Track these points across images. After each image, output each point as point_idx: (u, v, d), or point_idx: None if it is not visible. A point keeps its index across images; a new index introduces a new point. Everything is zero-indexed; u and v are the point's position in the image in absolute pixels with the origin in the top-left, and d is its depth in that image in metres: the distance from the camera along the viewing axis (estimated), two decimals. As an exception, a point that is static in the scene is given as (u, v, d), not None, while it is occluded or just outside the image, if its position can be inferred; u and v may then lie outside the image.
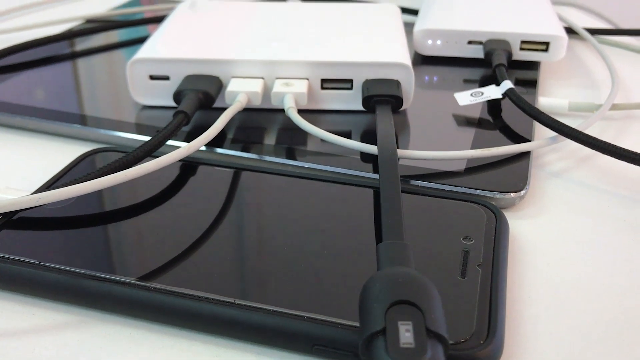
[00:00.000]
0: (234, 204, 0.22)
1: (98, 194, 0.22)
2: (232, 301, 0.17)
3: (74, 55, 0.35)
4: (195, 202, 0.22)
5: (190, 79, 0.27)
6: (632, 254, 0.21)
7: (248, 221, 0.21)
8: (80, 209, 0.21)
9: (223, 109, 0.26)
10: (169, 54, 0.28)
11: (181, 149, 0.22)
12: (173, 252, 0.19)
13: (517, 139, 0.27)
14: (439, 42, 0.34)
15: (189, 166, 0.24)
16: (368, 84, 0.27)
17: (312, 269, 0.19)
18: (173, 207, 0.22)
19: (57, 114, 0.28)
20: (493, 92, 0.29)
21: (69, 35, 0.36)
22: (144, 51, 0.28)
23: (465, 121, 0.28)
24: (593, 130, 0.28)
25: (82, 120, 0.28)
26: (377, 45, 0.29)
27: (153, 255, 0.19)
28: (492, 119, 0.28)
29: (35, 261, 0.19)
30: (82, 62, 0.34)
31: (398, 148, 0.23)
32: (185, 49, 0.28)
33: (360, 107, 0.28)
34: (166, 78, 0.28)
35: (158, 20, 0.39)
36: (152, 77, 0.28)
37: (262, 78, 0.28)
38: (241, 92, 0.27)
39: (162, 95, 0.28)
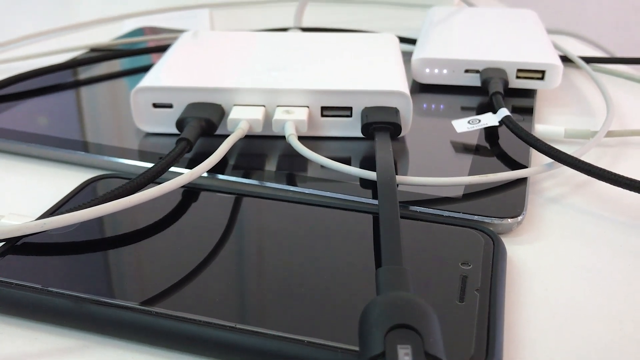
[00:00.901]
0: (235, 229, 0.22)
1: (101, 219, 0.23)
2: (234, 326, 0.17)
3: (79, 84, 0.36)
4: (197, 228, 0.22)
5: (193, 106, 0.28)
6: (629, 279, 0.21)
7: (249, 246, 0.21)
8: (83, 234, 0.22)
9: (225, 136, 0.26)
10: (172, 82, 0.28)
11: (184, 175, 0.23)
12: (175, 277, 0.20)
13: (514, 165, 0.27)
14: (436, 70, 0.35)
15: (191, 192, 0.24)
16: (367, 111, 0.28)
17: (312, 293, 0.19)
18: (175, 232, 0.22)
19: (61, 141, 0.29)
20: (490, 119, 0.29)
21: (74, 64, 0.37)
22: (148, 80, 0.29)
23: (463, 148, 0.28)
24: (589, 157, 0.29)
25: (86, 147, 0.28)
26: (376, 74, 0.29)
27: (155, 280, 0.19)
28: (490, 145, 0.29)
29: (38, 286, 0.19)
30: (86, 90, 0.35)
31: (397, 174, 0.24)
32: (188, 78, 0.29)
33: (359, 134, 0.28)
34: (169, 106, 0.29)
35: (161, 49, 0.40)
36: (155, 105, 0.29)
37: (264, 106, 0.28)
38: (243, 119, 0.27)
39: (165, 123, 0.29)
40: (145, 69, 0.38)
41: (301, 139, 0.27)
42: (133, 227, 0.22)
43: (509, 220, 0.23)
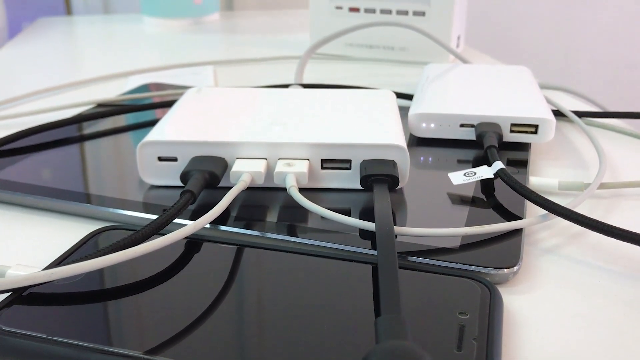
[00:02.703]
0: (236, 280, 0.23)
1: (107, 270, 0.23)
2: (235, 374, 0.18)
3: (85, 138, 0.37)
4: (200, 279, 0.23)
5: (197, 160, 0.29)
6: (624, 329, 0.21)
7: (250, 297, 0.22)
8: (89, 284, 0.22)
9: (228, 188, 0.27)
10: (177, 136, 0.29)
11: (187, 227, 0.23)
12: (178, 326, 0.20)
13: (510, 216, 0.28)
14: (432, 125, 0.36)
15: (194, 243, 0.25)
16: (366, 164, 0.29)
17: (313, 342, 0.19)
18: (178, 283, 0.22)
19: (67, 193, 0.29)
20: (485, 172, 0.30)
21: (81, 119, 0.38)
22: (153, 134, 0.30)
23: (460, 200, 0.29)
24: (583, 208, 0.29)
25: (92, 199, 0.29)
26: (374, 128, 0.30)
27: (159, 330, 0.20)
28: (485, 197, 0.30)
29: (43, 335, 0.19)
30: (92, 144, 0.36)
31: (395, 225, 0.24)
32: (192, 132, 0.30)
33: (358, 186, 0.29)
34: (174, 159, 0.29)
35: (165, 105, 0.41)
36: (160, 159, 0.29)
37: (265, 159, 0.29)
38: (245, 172, 0.28)
39: (170, 176, 0.30)
40: (150, 124, 0.39)
41: (302, 190, 0.27)
42: (137, 278, 0.23)
43: (505, 270, 0.23)
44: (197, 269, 0.23)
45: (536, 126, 0.35)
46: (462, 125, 0.36)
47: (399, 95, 0.43)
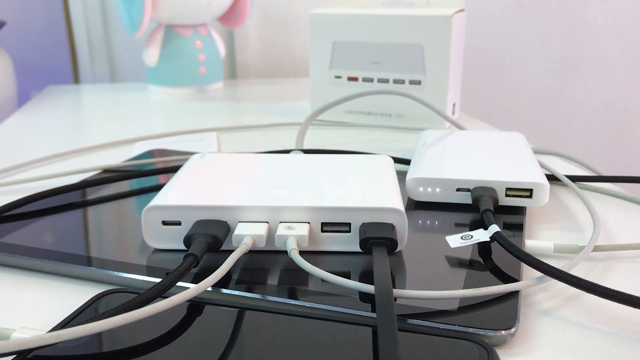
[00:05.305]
0: (238, 343, 0.23)
1: (110, 332, 0.23)
2: None
3: (90, 203, 0.38)
4: (202, 341, 0.23)
5: (200, 223, 0.29)
6: (623, 391, 0.21)
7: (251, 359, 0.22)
8: (92, 347, 0.22)
9: (230, 251, 0.28)
10: (181, 201, 0.30)
11: (190, 290, 0.24)
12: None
13: (507, 279, 0.28)
14: (429, 189, 0.37)
15: (196, 306, 0.25)
16: (365, 227, 0.29)
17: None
18: (181, 345, 0.23)
19: (73, 257, 0.30)
20: (481, 235, 0.30)
21: (86, 184, 0.39)
22: (158, 199, 0.31)
23: (457, 262, 0.30)
24: (578, 271, 0.30)
25: (97, 263, 0.29)
26: (373, 192, 0.31)
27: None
28: (483, 260, 0.30)
29: (47, 398, 0.19)
30: (97, 209, 0.37)
31: (394, 288, 0.25)
32: (195, 197, 0.31)
33: (358, 249, 0.30)
34: (178, 223, 0.30)
35: (169, 170, 0.42)
36: (164, 223, 0.30)
37: (267, 222, 0.30)
38: (247, 235, 0.29)
39: (173, 240, 0.30)
40: (154, 189, 0.40)
41: (302, 253, 0.28)
42: (140, 340, 0.23)
43: (503, 332, 0.24)
44: (199, 332, 0.24)
45: (531, 190, 0.36)
46: (458, 190, 0.36)
47: (397, 160, 0.45)
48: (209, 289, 0.27)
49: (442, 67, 0.57)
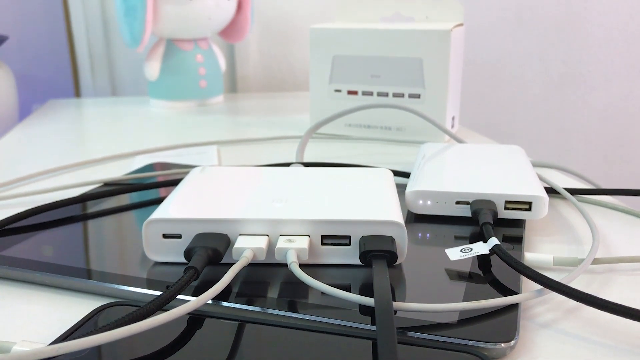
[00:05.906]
0: (237, 356, 0.23)
1: (111, 345, 0.23)
2: None
3: (91, 216, 0.38)
4: (202, 354, 0.23)
5: (200, 237, 0.30)
6: (623, 403, 0.21)
7: (252, 372, 0.22)
8: (92, 359, 0.22)
9: (230, 264, 0.28)
10: (181, 214, 0.30)
11: (190, 303, 0.24)
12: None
13: (506, 291, 0.28)
14: (429, 202, 0.37)
15: (196, 319, 0.25)
16: (365, 240, 0.29)
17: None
18: (181, 358, 0.23)
19: (73, 270, 0.30)
20: (481, 248, 0.31)
21: (86, 198, 0.39)
22: (159, 212, 0.31)
23: (457, 275, 0.30)
24: (577, 283, 0.30)
25: (97, 276, 0.30)
26: (372, 205, 0.32)
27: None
28: (482, 273, 0.30)
29: (47, 411, 0.19)
30: (97, 222, 0.37)
31: (394, 301, 0.25)
32: (196, 210, 0.31)
33: (357, 262, 0.30)
34: (178, 236, 0.30)
35: (170, 184, 0.42)
36: (165, 236, 0.30)
37: (267, 235, 0.30)
38: (247, 248, 0.29)
39: (174, 253, 0.30)
40: (154, 202, 0.40)
41: (302, 266, 0.28)
42: (141, 353, 0.23)
43: (503, 344, 0.24)
44: (199, 345, 0.24)
45: (529, 203, 0.36)
46: (457, 203, 0.37)
47: (397, 174, 0.45)
48: (210, 302, 0.27)
49: (441, 80, 0.58)
